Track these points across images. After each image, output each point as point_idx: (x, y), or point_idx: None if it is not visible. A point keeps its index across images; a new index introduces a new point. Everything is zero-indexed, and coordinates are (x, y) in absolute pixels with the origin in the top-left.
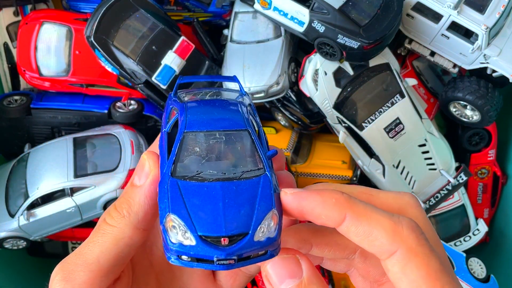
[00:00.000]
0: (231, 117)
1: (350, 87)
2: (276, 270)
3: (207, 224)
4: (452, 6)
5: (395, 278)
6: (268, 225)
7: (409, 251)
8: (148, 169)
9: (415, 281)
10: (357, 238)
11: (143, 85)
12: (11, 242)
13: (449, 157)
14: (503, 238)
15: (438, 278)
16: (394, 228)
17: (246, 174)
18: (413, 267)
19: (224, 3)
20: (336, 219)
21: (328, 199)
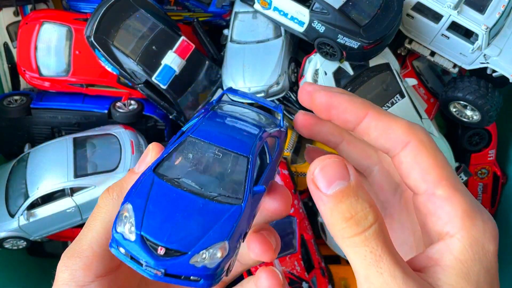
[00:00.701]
0: (241, 139)
1: (350, 87)
2: (326, 172)
3: (154, 228)
4: (452, 6)
5: (407, 168)
6: (212, 254)
7: (421, 143)
8: (149, 159)
9: (425, 169)
10: (376, 133)
11: (143, 85)
12: (11, 242)
13: (449, 157)
14: (503, 238)
15: (444, 168)
16: (408, 125)
17: (221, 198)
18: (424, 156)
19: (224, 3)
20: (359, 114)
21: (355, 98)
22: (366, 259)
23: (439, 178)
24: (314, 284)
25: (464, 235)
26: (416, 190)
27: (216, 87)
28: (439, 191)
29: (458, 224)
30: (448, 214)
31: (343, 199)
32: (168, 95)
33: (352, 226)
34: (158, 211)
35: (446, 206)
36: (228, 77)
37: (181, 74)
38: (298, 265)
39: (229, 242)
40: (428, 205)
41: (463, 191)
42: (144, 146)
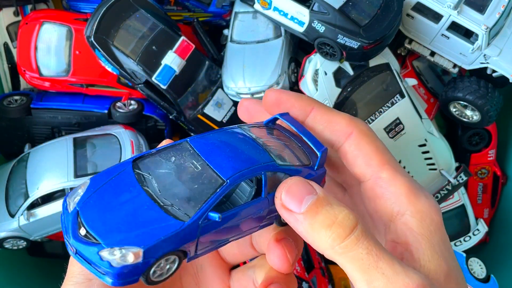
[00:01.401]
0: (234, 162)
1: (350, 87)
2: (293, 192)
3: (90, 209)
4: (452, 6)
5: (352, 156)
6: (123, 255)
7: (361, 132)
8: None
9: (368, 155)
10: (321, 126)
11: (143, 85)
12: (11, 242)
13: (449, 157)
14: (503, 238)
15: (385, 153)
16: (350, 118)
17: (170, 208)
18: (365, 144)
19: (224, 3)
20: (306, 108)
21: (302, 95)
22: (364, 262)
23: (382, 163)
24: (314, 284)
25: (412, 210)
26: (363, 176)
27: (216, 87)
28: (383, 174)
29: (405, 201)
30: (394, 194)
31: (318, 210)
32: (168, 95)
33: (338, 230)
34: (106, 196)
35: (391, 186)
36: (228, 77)
37: (181, 74)
38: (298, 265)
39: (145, 251)
40: (375, 189)
41: (404, 173)
42: (144, 146)
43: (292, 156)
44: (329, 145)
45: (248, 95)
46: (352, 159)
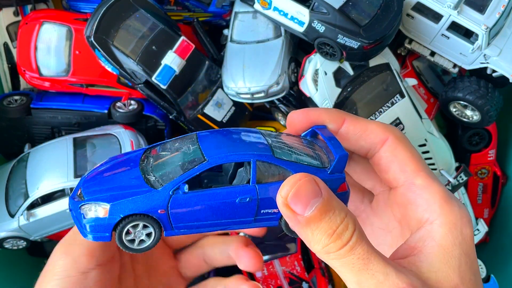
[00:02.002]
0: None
1: (350, 87)
2: (300, 194)
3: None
4: (452, 6)
5: (386, 162)
6: (96, 209)
7: (397, 139)
8: None
9: (404, 161)
10: (355, 136)
11: (143, 85)
12: (11, 242)
13: (449, 157)
14: (503, 238)
15: (420, 160)
16: (384, 125)
17: (152, 180)
18: (401, 150)
19: (224, 3)
20: (337, 121)
21: (330, 109)
22: (355, 266)
23: (417, 169)
24: (314, 284)
25: (443, 220)
26: (395, 182)
27: (216, 87)
28: (417, 180)
29: (437, 210)
30: (427, 201)
31: (321, 217)
32: (168, 95)
33: (336, 241)
34: (110, 169)
35: (425, 193)
36: (228, 77)
37: (181, 74)
38: (298, 265)
39: (111, 206)
40: (407, 195)
41: (438, 181)
42: (144, 146)
43: (310, 158)
44: (364, 153)
45: (248, 95)
46: (386, 165)
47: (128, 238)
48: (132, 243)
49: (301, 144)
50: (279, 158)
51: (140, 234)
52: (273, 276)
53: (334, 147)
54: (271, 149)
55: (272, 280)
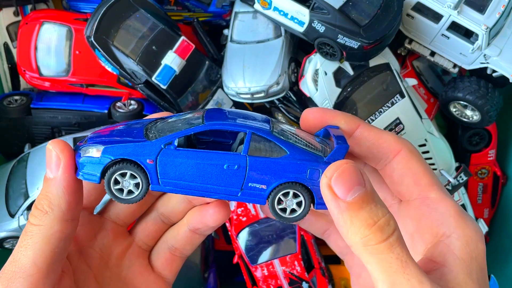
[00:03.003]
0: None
1: (350, 87)
2: (344, 177)
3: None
4: (452, 6)
5: (399, 174)
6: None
7: (411, 151)
8: (56, 159)
9: (417, 174)
10: (368, 142)
11: (143, 85)
12: (11, 242)
13: (449, 157)
14: (503, 238)
15: (433, 174)
16: (396, 136)
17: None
18: (415, 163)
19: (224, 3)
20: (352, 125)
21: (346, 113)
22: (392, 266)
23: (431, 183)
24: (314, 284)
25: (460, 234)
26: (409, 195)
27: (216, 87)
28: (432, 194)
29: (453, 224)
30: (442, 215)
31: (363, 205)
32: (168, 95)
33: (376, 233)
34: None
35: (440, 207)
36: (228, 77)
37: (181, 74)
38: (298, 265)
39: (105, 149)
40: (422, 208)
41: (451, 196)
42: None
43: (312, 148)
44: (375, 163)
45: (248, 95)
46: (399, 177)
47: (116, 187)
48: (120, 193)
49: (310, 137)
50: (277, 136)
51: (128, 183)
52: (273, 276)
53: (337, 139)
54: (271, 128)
55: (272, 280)
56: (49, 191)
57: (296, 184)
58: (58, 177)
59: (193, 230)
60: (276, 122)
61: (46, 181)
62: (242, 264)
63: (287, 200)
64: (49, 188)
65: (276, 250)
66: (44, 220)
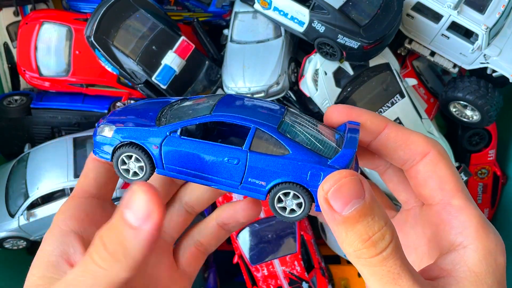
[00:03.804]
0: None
1: (350, 87)
2: (342, 191)
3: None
4: (452, 6)
5: (424, 177)
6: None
7: (439, 154)
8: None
9: (443, 178)
10: (394, 144)
11: (143, 85)
12: (11, 242)
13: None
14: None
15: (459, 180)
16: (426, 137)
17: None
18: (442, 166)
19: (224, 3)
20: (379, 125)
21: (373, 113)
22: (383, 279)
23: (456, 189)
24: (314, 284)
25: (478, 246)
26: (431, 199)
27: (216, 86)
28: (455, 201)
29: (473, 234)
30: (462, 223)
31: (360, 219)
32: (168, 95)
33: (370, 248)
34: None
35: (462, 215)
36: (228, 77)
37: (181, 74)
38: (298, 265)
39: (116, 130)
40: (442, 214)
41: (475, 204)
42: None
43: (322, 146)
44: (400, 163)
45: (248, 95)
46: (424, 180)
47: (123, 167)
48: (127, 173)
49: (328, 133)
50: (281, 134)
51: (133, 165)
52: (273, 276)
53: (347, 141)
54: (280, 123)
55: (272, 280)
56: (128, 240)
57: (297, 186)
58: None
59: (221, 225)
60: (292, 114)
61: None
62: (242, 264)
63: (287, 200)
64: (128, 237)
65: (276, 250)
66: (113, 267)
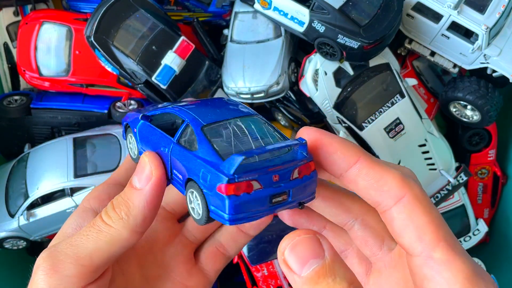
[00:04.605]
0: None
1: (350, 87)
2: (298, 252)
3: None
4: (452, 6)
5: (400, 225)
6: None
7: (416, 198)
8: (149, 172)
9: (421, 227)
10: (366, 182)
11: (143, 85)
12: (11, 242)
13: (449, 157)
14: (503, 238)
15: (441, 227)
16: (401, 177)
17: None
18: (419, 213)
19: (224, 3)
20: (350, 159)
21: (346, 141)
22: None
23: (436, 239)
24: None
25: None
26: (411, 251)
27: (216, 87)
28: (437, 254)
29: None
30: (447, 280)
31: (319, 281)
32: (168, 95)
33: None
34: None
35: (445, 271)
36: (228, 77)
37: (181, 74)
38: None
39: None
40: (424, 269)
41: (463, 253)
42: None
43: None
44: (373, 204)
45: (248, 95)
46: (400, 229)
47: (129, 146)
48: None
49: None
50: (202, 131)
51: (133, 145)
52: (273, 276)
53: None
54: (213, 124)
55: (272, 280)
56: (131, 200)
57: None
58: (144, 191)
59: (239, 227)
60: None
61: (131, 188)
62: (242, 264)
63: (193, 199)
64: (132, 197)
65: (276, 250)
66: (116, 224)
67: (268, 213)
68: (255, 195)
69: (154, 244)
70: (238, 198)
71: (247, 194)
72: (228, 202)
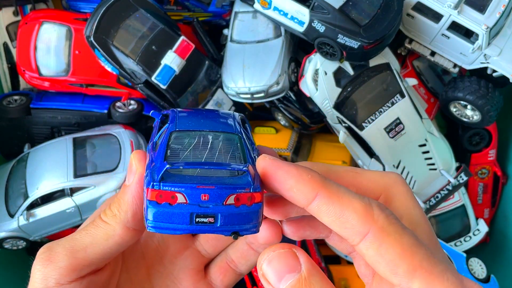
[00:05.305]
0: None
1: (350, 87)
2: (274, 266)
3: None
4: (453, 6)
5: (372, 262)
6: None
7: (381, 231)
8: (134, 168)
9: (392, 261)
10: (328, 219)
11: (143, 85)
12: (11, 242)
13: (449, 157)
14: (504, 238)
15: (414, 254)
16: (364, 210)
17: None
18: (388, 247)
19: (224, 3)
20: (307, 195)
21: (303, 174)
22: None
23: (412, 269)
24: None
25: None
26: (389, 284)
27: (216, 86)
28: (415, 284)
29: None
30: None
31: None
32: (168, 95)
33: None
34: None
35: None
36: (228, 77)
37: (181, 74)
38: None
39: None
40: None
41: (443, 272)
42: (144, 146)
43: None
44: (341, 240)
45: (248, 95)
46: (373, 264)
47: None
48: None
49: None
50: (169, 137)
51: None
52: None
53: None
54: (183, 131)
55: None
56: (122, 197)
57: None
58: (131, 186)
59: (249, 244)
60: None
61: (123, 186)
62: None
63: None
64: (123, 194)
65: None
66: (111, 220)
67: (190, 232)
68: (177, 209)
69: (164, 254)
70: (159, 206)
71: (169, 204)
72: (149, 208)
